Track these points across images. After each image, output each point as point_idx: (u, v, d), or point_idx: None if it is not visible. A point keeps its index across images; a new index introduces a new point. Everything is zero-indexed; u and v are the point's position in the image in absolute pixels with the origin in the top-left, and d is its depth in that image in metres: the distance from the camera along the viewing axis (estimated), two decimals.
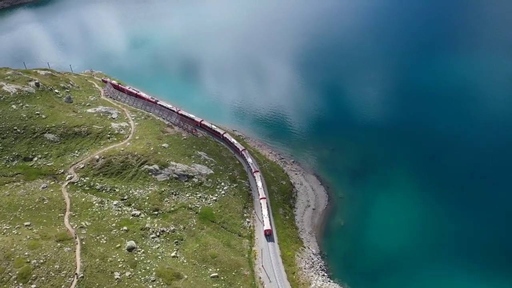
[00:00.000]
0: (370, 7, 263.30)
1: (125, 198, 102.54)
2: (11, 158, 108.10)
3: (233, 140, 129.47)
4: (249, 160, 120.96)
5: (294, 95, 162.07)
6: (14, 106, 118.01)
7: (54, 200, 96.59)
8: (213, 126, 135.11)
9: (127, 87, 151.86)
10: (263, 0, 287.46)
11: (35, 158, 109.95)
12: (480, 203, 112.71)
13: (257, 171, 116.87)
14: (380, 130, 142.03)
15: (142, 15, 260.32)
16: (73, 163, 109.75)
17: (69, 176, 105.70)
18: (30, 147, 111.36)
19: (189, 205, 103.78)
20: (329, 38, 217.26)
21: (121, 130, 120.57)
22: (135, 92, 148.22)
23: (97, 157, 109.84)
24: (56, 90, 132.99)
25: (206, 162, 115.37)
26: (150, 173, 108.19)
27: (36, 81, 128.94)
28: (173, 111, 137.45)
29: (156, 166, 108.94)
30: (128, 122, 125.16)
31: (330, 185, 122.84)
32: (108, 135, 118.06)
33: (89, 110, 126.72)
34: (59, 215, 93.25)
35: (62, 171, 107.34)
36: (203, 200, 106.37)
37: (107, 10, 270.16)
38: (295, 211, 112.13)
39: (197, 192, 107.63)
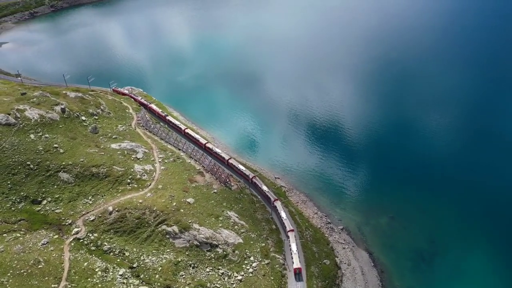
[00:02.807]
0: (455, 25, 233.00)
1: (134, 266, 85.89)
2: (18, 199, 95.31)
3: (240, 166, 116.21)
4: (264, 188, 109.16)
5: (350, 141, 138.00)
6: (32, 136, 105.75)
7: (50, 264, 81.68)
8: (217, 150, 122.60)
9: (163, 113, 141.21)
10: (326, 12, 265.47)
11: (44, 201, 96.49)
12: None
13: (277, 200, 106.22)
14: (459, 197, 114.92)
15: (197, 24, 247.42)
16: (83, 212, 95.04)
17: (76, 229, 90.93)
18: (41, 187, 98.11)
19: (208, 284, 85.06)
20: (397, 61, 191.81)
21: (144, 175, 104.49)
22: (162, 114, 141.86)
23: (110, 208, 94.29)
24: (83, 117, 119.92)
25: (236, 227, 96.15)
26: (167, 236, 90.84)
27: (63, 106, 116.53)
28: (180, 128, 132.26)
29: (175, 228, 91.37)
30: (154, 164, 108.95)
31: (385, 268, 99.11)
32: (129, 180, 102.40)
33: (113, 146, 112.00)
34: (52, 286, 78.14)
35: (69, 221, 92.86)
36: (226, 278, 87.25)
37: (161, 17, 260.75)
38: None
39: (220, 267, 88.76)
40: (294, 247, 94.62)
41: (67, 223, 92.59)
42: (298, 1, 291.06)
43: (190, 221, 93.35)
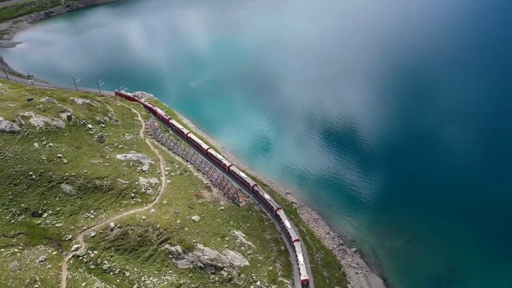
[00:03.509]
0: (483, 29, 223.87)
1: (134, 287, 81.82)
2: (18, 211, 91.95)
3: (241, 174, 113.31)
4: (266, 196, 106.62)
5: (366, 156, 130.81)
6: (36, 145, 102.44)
7: (47, 284, 77.96)
8: (219, 157, 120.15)
9: (166, 116, 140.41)
10: (344, 16, 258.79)
11: (45, 214, 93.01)
12: None
13: (279, 208, 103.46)
14: (482, 220, 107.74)
15: (211, 27, 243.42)
16: (84, 227, 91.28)
17: (75, 246, 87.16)
18: (42, 199, 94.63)
19: None
20: (417, 69, 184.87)
21: (149, 189, 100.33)
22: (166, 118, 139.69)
23: (112, 224, 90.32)
24: (90, 125, 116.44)
25: (243, 248, 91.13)
26: (170, 256, 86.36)
27: (69, 114, 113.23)
28: (183, 133, 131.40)
29: (179, 248, 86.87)
30: (160, 178, 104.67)
31: None
32: (133, 194, 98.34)
33: (119, 156, 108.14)
34: None
35: (70, 236, 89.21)
36: None
37: (175, 19, 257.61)
38: None
39: None
40: (300, 257, 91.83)
41: (67, 239, 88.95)
42: (315, 5, 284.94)
43: (194, 240, 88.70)
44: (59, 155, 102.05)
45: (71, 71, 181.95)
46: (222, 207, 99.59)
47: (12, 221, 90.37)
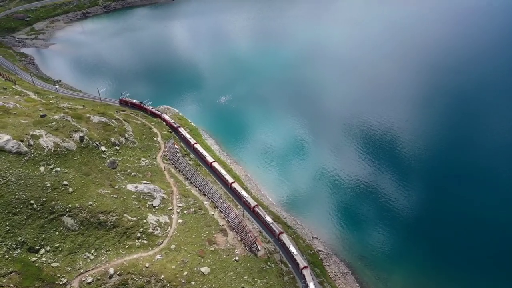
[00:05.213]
0: None
1: None
2: (14, 245, 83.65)
3: (243, 192, 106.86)
4: (268, 219, 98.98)
5: (408, 203, 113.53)
6: (42, 169, 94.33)
7: None
8: (222, 171, 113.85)
9: (175, 124, 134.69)
10: (395, 30, 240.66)
11: (42, 250, 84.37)
12: None
13: (282, 233, 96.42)
14: None
15: (248, 35, 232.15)
16: (82, 270, 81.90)
17: None
18: (41, 232, 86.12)
19: None
20: (474, 96, 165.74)
21: (157, 229, 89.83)
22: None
23: (111, 271, 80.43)
24: (103, 148, 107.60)
25: None
26: None
27: (81, 134, 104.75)
28: (190, 142, 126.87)
29: None
30: (171, 215, 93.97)
31: None
32: (139, 234, 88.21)
33: (129, 187, 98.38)
34: None
35: (64, 280, 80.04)
36: None
37: (211, 25, 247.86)
38: None
39: None
40: (312, 287, 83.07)
41: (61, 283, 79.76)
42: (361, 14, 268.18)
43: None
44: (64, 182, 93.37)
45: (100, 76, 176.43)
46: (237, 257, 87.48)
47: (6, 256, 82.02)
